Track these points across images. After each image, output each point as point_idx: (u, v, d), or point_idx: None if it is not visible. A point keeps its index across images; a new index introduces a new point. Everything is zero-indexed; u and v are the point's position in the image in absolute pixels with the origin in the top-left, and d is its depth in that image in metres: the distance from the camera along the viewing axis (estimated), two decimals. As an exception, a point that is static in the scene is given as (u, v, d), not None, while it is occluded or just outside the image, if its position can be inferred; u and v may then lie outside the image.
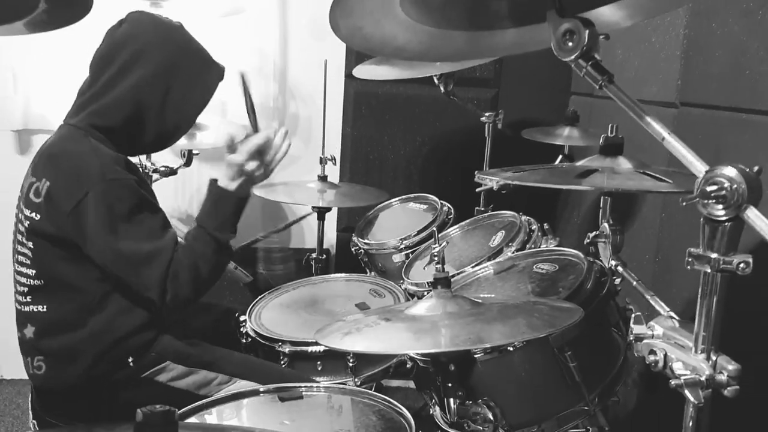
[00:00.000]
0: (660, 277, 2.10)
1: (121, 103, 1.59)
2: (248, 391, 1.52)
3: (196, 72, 1.68)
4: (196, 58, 1.69)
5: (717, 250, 0.84)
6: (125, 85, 1.58)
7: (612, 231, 1.27)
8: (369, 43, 1.15)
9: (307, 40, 2.99)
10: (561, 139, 2.20)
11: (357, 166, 3.01)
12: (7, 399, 2.97)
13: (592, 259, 1.50)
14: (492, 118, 2.46)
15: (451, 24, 1.17)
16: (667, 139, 0.88)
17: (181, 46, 1.66)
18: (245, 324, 1.96)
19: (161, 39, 1.63)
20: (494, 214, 2.16)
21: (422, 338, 1.04)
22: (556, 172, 1.25)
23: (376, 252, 2.30)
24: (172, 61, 1.62)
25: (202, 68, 1.70)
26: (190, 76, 1.66)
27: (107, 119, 1.60)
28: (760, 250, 0.88)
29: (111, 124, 1.60)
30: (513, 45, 1.28)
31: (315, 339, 1.17)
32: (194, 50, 1.69)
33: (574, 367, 1.31)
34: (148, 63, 1.59)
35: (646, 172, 1.20)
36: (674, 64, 2.06)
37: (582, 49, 0.95)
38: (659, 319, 1.01)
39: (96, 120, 1.59)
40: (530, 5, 1.14)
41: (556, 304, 1.26)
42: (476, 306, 1.16)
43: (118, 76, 1.59)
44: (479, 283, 1.69)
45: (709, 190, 0.81)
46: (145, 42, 1.61)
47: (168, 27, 1.67)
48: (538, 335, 1.02)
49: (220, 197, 1.64)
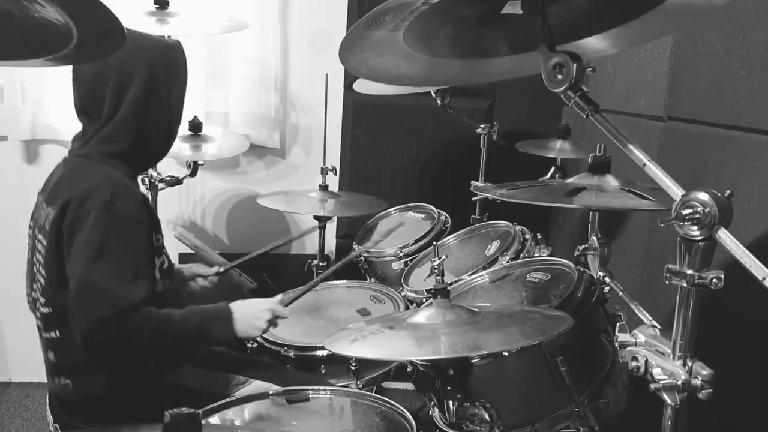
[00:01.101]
0: (648, 286, 2.19)
1: (125, 124, 1.64)
2: (258, 394, 1.60)
3: (168, 63, 1.71)
4: (160, 51, 1.71)
5: (692, 266, 0.93)
6: (122, 113, 1.63)
7: (600, 244, 1.36)
8: (373, 72, 1.24)
9: (307, 52, 3.08)
10: (553, 152, 2.29)
11: (356, 175, 3.09)
12: (16, 402, 3.02)
13: (582, 269, 1.59)
14: (487, 130, 2.56)
15: (449, 54, 1.25)
16: (647, 165, 0.96)
17: (149, 52, 1.68)
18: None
19: (132, 57, 1.64)
20: (489, 223, 2.25)
21: (424, 345, 1.12)
22: (548, 190, 1.33)
23: (376, 260, 2.39)
24: (151, 71, 1.65)
25: (169, 57, 1.73)
26: (168, 74, 1.70)
27: (117, 144, 1.64)
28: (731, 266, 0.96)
29: (122, 147, 1.65)
30: (507, 71, 1.37)
31: (324, 346, 1.25)
32: (158, 49, 1.71)
33: (564, 371, 1.40)
34: (132, 85, 1.63)
35: (632, 190, 1.28)
36: (662, 79, 2.16)
37: (570, 81, 1.04)
38: (642, 328, 1.09)
39: (106, 147, 1.64)
40: (524, 36, 1.23)
41: (548, 313, 1.34)
42: (473, 315, 1.25)
43: (112, 108, 1.63)
44: (475, 291, 1.77)
45: (685, 213, 0.90)
46: (121, 68, 1.63)
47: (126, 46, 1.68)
48: (531, 342, 1.11)
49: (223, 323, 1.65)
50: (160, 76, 1.67)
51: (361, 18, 1.04)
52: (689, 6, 1.16)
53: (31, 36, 0.99)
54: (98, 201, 1.52)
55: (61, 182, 1.64)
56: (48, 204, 1.61)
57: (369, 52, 1.15)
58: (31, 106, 2.93)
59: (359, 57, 1.15)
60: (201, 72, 2.92)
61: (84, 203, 1.52)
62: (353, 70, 1.20)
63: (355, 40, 1.07)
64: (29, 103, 2.93)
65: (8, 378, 3.18)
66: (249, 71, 3.03)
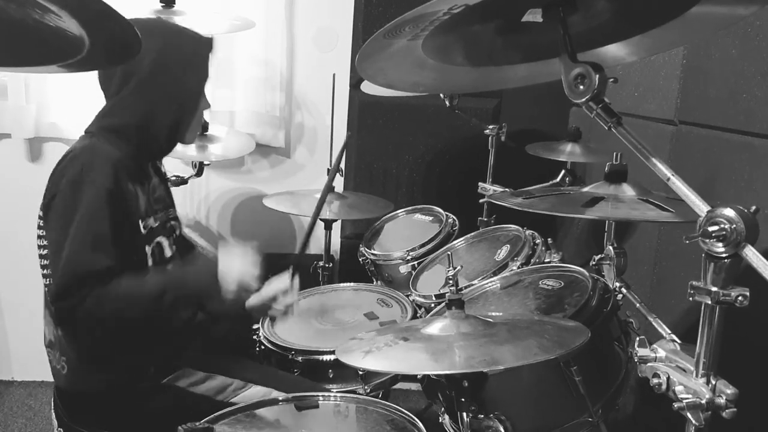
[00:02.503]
0: (657, 290, 2.17)
1: (127, 102, 1.65)
2: (267, 401, 1.58)
3: (186, 55, 1.71)
4: (181, 43, 1.72)
5: (716, 283, 0.91)
6: (127, 90, 1.65)
7: (616, 254, 1.34)
8: (389, 80, 1.23)
9: (313, 51, 3.06)
10: (564, 155, 2.27)
11: (361, 175, 3.07)
12: (19, 401, 3.02)
13: (596, 277, 1.58)
14: (495, 131, 2.53)
15: (464, 61, 1.24)
16: (671, 180, 0.95)
17: (166, 39, 1.68)
18: (258, 332, 2.03)
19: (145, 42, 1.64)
20: (498, 227, 2.23)
21: (440, 359, 1.11)
22: (564, 200, 1.32)
23: (383, 263, 2.37)
24: (162, 56, 1.65)
25: (190, 49, 1.73)
26: (182, 61, 1.70)
27: (116, 118, 1.65)
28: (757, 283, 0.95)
29: (121, 122, 1.65)
30: (522, 78, 1.35)
31: (337, 357, 1.24)
32: (178, 38, 1.72)
33: (579, 381, 1.39)
34: (140, 67, 1.63)
35: (649, 200, 1.27)
36: (674, 83, 2.14)
37: (593, 92, 1.02)
38: (661, 342, 1.08)
39: (106, 121, 1.66)
40: (540, 44, 1.22)
41: (563, 323, 1.33)
42: (488, 326, 1.23)
43: (119, 86, 1.65)
44: (486, 297, 1.76)
45: (711, 230, 0.88)
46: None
47: (148, 28, 1.68)
48: (549, 357, 1.09)
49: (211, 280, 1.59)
50: (172, 60, 1.67)
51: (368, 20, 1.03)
52: (711, 16, 1.14)
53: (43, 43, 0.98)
54: (72, 171, 1.51)
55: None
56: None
57: (387, 61, 1.14)
58: (35, 104, 2.92)
59: (376, 66, 1.13)
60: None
61: (63, 174, 1.52)
62: (371, 78, 1.18)
63: (373, 49, 1.05)
64: (33, 101, 2.91)
65: (11, 377, 3.18)
66: (255, 70, 3.01)
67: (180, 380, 1.71)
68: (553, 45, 1.16)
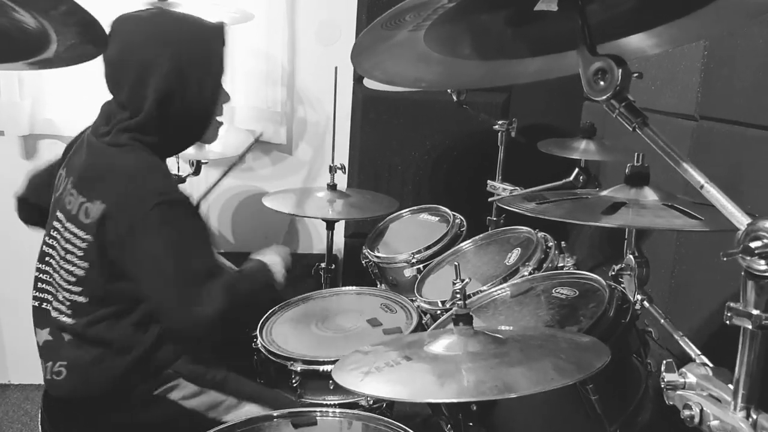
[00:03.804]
0: (676, 295, 2.07)
1: (149, 115, 1.56)
2: (262, 416, 1.49)
3: (201, 52, 1.62)
4: (194, 38, 1.62)
5: (758, 306, 0.80)
6: (145, 101, 1.55)
7: (638, 263, 1.24)
8: (388, 75, 1.12)
9: (315, 44, 2.96)
10: (577, 153, 2.15)
11: (365, 172, 2.97)
12: (15, 405, 2.96)
13: (613, 285, 1.47)
14: (505, 126, 2.42)
15: (471, 55, 1.13)
16: (705, 187, 0.84)
17: (177, 36, 1.59)
18: (256, 340, 1.94)
19: (155, 41, 1.57)
20: (509, 228, 2.12)
21: (446, 383, 1.00)
22: (582, 206, 1.21)
23: (387, 266, 2.27)
24: (176, 57, 1.56)
25: (204, 44, 1.63)
26: (198, 59, 1.61)
27: (147, 134, 1.57)
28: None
29: (147, 134, 1.57)
30: (534, 73, 1.25)
31: (333, 376, 1.14)
32: (189, 32, 1.62)
33: (595, 400, 1.28)
34: (155, 72, 1.55)
35: (675, 206, 1.16)
36: (694, 75, 2.02)
37: (615, 89, 0.92)
38: (691, 366, 0.97)
39: (136, 136, 1.56)
40: (553, 36, 1.11)
41: (580, 340, 1.23)
42: (499, 344, 1.13)
43: (135, 96, 1.56)
44: (496, 305, 1.65)
45: (753, 247, 0.77)
46: (143, 53, 1.56)
47: (155, 23, 1.61)
48: (567, 382, 0.99)
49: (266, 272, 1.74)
50: (188, 67, 1.57)
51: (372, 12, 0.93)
52: (744, 3, 1.03)
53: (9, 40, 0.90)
54: (153, 194, 1.47)
55: (97, 173, 1.56)
56: (80, 193, 1.54)
57: (385, 54, 1.03)
58: (29, 101, 2.84)
59: (374, 60, 1.03)
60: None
61: (138, 198, 1.48)
62: (366, 73, 1.08)
63: (370, 41, 0.95)
64: (27, 98, 2.83)
65: (8, 380, 3.13)
66: (255, 64, 2.91)
67: (172, 392, 1.63)
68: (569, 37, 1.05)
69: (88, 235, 1.52)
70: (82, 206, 1.53)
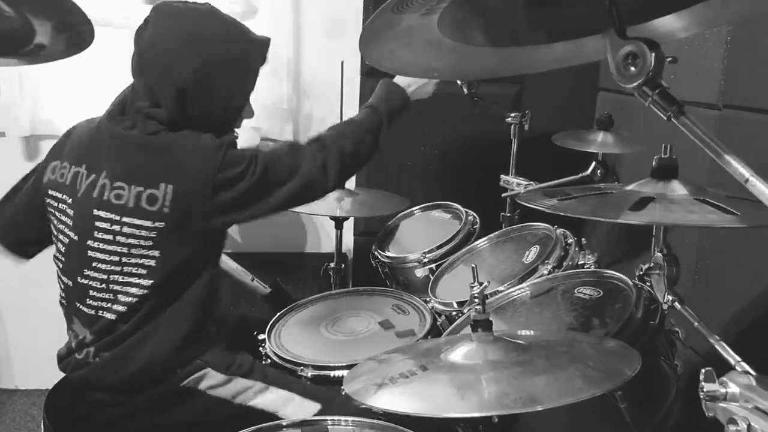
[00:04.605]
0: (700, 289, 1.99)
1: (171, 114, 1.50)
2: (270, 426, 1.43)
3: (235, 66, 1.56)
4: (230, 50, 1.56)
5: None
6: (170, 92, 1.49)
7: (667, 262, 1.16)
8: (398, 64, 1.05)
9: (321, 37, 2.88)
10: (594, 146, 2.07)
11: (374, 169, 2.88)
12: (22, 411, 2.91)
13: (639, 284, 1.39)
14: (518, 119, 2.34)
15: (487, 41, 1.06)
16: (751, 181, 0.77)
17: (211, 43, 1.53)
18: (264, 344, 1.87)
19: (186, 45, 1.50)
20: (525, 225, 2.04)
21: (467, 396, 0.93)
22: (607, 202, 1.13)
23: (398, 266, 2.20)
24: (210, 58, 1.51)
25: (239, 58, 1.57)
26: (228, 73, 1.55)
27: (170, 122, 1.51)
28: None
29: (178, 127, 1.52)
30: (554, 60, 1.17)
31: (345, 388, 1.07)
32: (227, 41, 1.56)
33: (624, 408, 1.21)
34: (177, 75, 1.49)
35: (707, 200, 1.08)
36: (716, 62, 1.94)
37: (647, 75, 0.84)
38: (732, 375, 0.89)
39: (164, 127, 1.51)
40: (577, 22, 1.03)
41: (607, 345, 1.15)
42: (521, 352, 1.06)
43: (154, 92, 1.50)
44: (515, 306, 1.58)
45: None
46: (169, 54, 1.49)
47: (195, 17, 1.54)
48: (596, 392, 0.92)
49: (394, 89, 1.77)
50: (220, 72, 1.52)
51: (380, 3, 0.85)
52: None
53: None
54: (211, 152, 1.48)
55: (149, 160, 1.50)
56: (133, 183, 1.47)
57: (395, 41, 0.96)
58: (29, 101, 2.78)
59: (383, 47, 0.96)
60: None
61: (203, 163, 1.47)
62: (374, 62, 1.01)
63: (379, 27, 0.87)
64: (28, 98, 2.77)
65: (14, 385, 3.08)
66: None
67: (201, 382, 1.58)
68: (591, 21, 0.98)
69: (158, 222, 1.46)
70: (141, 195, 1.46)
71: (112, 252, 1.50)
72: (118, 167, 1.50)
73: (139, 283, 1.50)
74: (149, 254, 1.49)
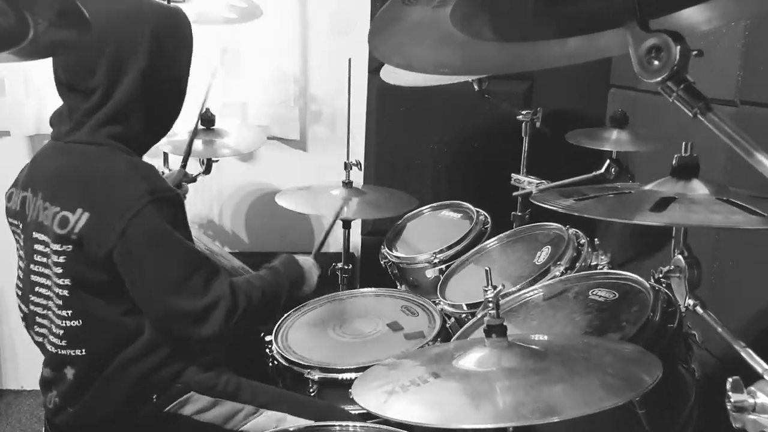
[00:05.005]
0: (717, 288, 1.94)
1: (132, 102, 1.44)
2: (278, 431, 1.41)
3: (173, 28, 1.51)
4: (164, 15, 1.51)
5: None
6: (126, 85, 1.43)
7: (688, 264, 1.11)
8: (408, 60, 1.01)
9: (327, 37, 2.84)
10: (609, 144, 2.02)
11: (381, 168, 2.85)
12: (28, 412, 2.89)
13: (656, 286, 1.35)
14: (529, 117, 2.30)
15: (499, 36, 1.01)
16: (784, 181, 0.72)
17: (148, 10, 1.48)
18: (271, 346, 1.84)
19: (132, 17, 1.45)
20: (537, 225, 2.00)
21: (481, 405, 0.89)
22: (626, 202, 1.09)
23: (407, 266, 2.16)
24: (153, 35, 1.45)
25: (175, 21, 1.53)
26: (173, 38, 1.51)
27: (125, 126, 1.45)
28: None
29: (131, 130, 1.46)
30: (571, 55, 1.12)
31: (354, 396, 1.03)
32: (157, 9, 1.51)
33: (642, 415, 1.17)
34: (132, 60, 1.43)
35: (731, 200, 1.03)
36: (734, 57, 1.89)
37: (672, 69, 0.79)
38: (761, 385, 0.85)
39: (112, 129, 1.44)
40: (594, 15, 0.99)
41: (625, 350, 1.11)
42: (537, 359, 1.02)
43: (111, 85, 1.43)
44: (527, 309, 1.54)
45: None
46: (116, 33, 1.42)
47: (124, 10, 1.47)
48: (618, 402, 0.88)
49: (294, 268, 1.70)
50: (166, 43, 1.47)
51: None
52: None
53: None
54: (140, 195, 1.36)
55: (75, 180, 1.42)
56: (54, 203, 1.40)
57: (405, 35, 0.92)
58: (35, 100, 2.75)
59: (393, 41, 0.91)
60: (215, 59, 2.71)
61: (124, 202, 1.36)
62: (384, 57, 0.97)
63: (389, 20, 0.83)
64: (33, 97, 2.75)
65: (20, 386, 3.07)
66: (266, 59, 2.80)
67: (185, 407, 1.53)
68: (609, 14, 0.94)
69: (65, 247, 1.38)
70: (56, 216, 1.39)
71: (48, 281, 1.45)
72: (51, 183, 1.44)
73: (60, 314, 1.44)
74: (62, 283, 1.42)
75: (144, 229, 1.36)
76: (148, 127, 1.49)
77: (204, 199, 2.98)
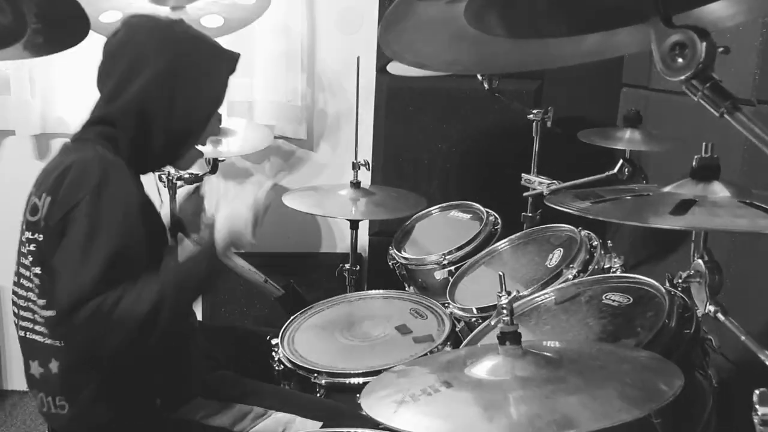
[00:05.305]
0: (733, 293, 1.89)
1: (126, 113, 1.46)
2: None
3: (202, 70, 1.52)
4: (199, 54, 1.53)
5: None
6: (127, 96, 1.46)
7: (708, 269, 1.08)
8: (420, 57, 0.98)
9: (335, 35, 2.81)
10: (622, 143, 1.98)
11: (390, 168, 2.81)
12: (33, 413, 2.87)
13: (672, 291, 1.31)
14: (540, 116, 2.26)
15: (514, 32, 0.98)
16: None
17: (181, 45, 1.51)
18: (278, 349, 1.81)
19: (158, 42, 1.49)
20: (548, 227, 1.96)
21: (495, 417, 0.86)
22: (644, 205, 1.05)
23: (416, 268, 2.12)
24: (173, 64, 1.47)
25: (207, 64, 1.54)
26: (195, 76, 1.51)
27: (113, 130, 1.47)
28: None
29: (118, 135, 1.47)
30: (587, 53, 1.09)
31: (362, 405, 1.00)
32: (196, 47, 1.53)
33: (658, 424, 1.13)
34: (147, 69, 1.46)
35: (755, 203, 1.00)
36: (751, 55, 1.84)
37: (697, 66, 0.76)
38: (788, 397, 0.82)
39: (102, 130, 1.47)
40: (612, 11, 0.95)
41: (643, 358, 1.07)
42: (552, 368, 0.98)
43: (118, 88, 1.47)
44: (539, 313, 1.50)
45: None
46: (141, 48, 1.47)
47: (165, 27, 1.52)
48: (638, 414, 0.84)
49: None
50: (185, 82, 1.48)
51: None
52: None
53: None
54: (87, 185, 1.33)
55: (49, 168, 1.44)
56: (35, 194, 1.41)
57: (417, 32, 0.88)
58: (39, 99, 2.74)
59: (404, 38, 0.88)
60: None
61: (73, 191, 1.33)
62: (395, 55, 0.94)
63: (401, 15, 0.80)
64: (38, 96, 2.73)
65: (25, 387, 3.02)
66: (273, 58, 2.76)
67: (192, 412, 1.51)
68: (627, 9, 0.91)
69: (36, 234, 1.37)
70: (29, 204, 1.40)
71: (26, 266, 1.44)
72: (37, 181, 1.46)
73: (37, 302, 1.42)
74: (34, 270, 1.40)
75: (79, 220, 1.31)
76: (147, 142, 1.49)
77: (209, 200, 2.95)
